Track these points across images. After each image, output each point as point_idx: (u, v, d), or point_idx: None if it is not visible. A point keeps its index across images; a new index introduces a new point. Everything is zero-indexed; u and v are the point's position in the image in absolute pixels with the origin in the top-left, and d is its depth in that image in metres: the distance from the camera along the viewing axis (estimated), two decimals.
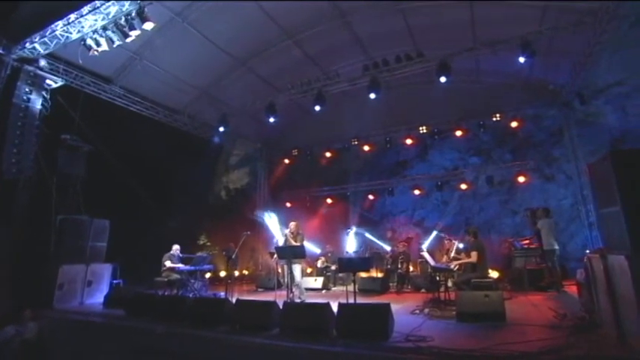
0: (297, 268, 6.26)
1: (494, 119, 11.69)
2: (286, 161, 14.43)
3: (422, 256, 8.43)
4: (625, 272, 3.13)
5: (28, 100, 7.63)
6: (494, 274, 7.98)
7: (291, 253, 6.12)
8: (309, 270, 10.42)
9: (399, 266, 8.62)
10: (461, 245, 8.42)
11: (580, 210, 10.69)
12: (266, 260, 10.94)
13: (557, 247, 7.17)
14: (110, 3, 6.91)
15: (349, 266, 5.93)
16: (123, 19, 6.80)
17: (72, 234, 7.31)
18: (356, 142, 13.05)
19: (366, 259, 6.27)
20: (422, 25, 10.19)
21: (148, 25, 6.74)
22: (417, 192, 12.74)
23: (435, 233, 9.57)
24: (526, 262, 7.84)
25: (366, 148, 13.05)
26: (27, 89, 7.62)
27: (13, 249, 6.78)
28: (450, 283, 6.30)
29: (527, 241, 8.44)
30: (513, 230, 13.13)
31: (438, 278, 5.88)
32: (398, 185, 13.89)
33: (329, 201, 13.99)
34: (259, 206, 14.37)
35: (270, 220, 7.49)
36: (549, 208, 8.25)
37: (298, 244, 6.37)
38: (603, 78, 12.23)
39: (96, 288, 7.41)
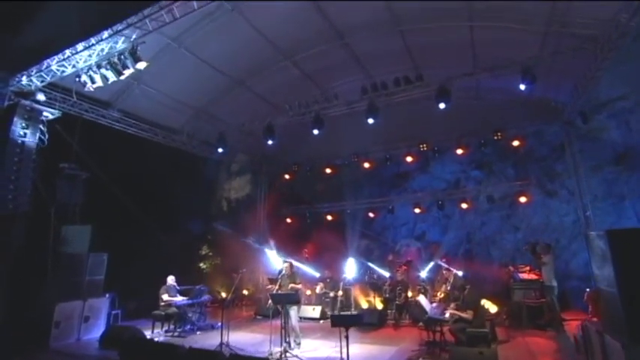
0: (292, 312, 6.25)
1: (495, 138, 11.51)
2: (286, 176, 14.39)
3: (421, 286, 8.38)
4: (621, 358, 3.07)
5: (25, 135, 7.63)
6: (492, 308, 7.90)
7: (286, 300, 6.12)
8: (308, 292, 10.42)
9: (397, 296, 8.58)
10: (460, 273, 8.34)
11: (582, 234, 10.50)
12: (265, 283, 10.96)
13: (555, 284, 7.06)
14: (104, 41, 6.86)
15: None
16: (116, 57, 6.74)
17: (68, 270, 7.33)
18: (356, 159, 12.95)
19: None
20: (421, 45, 10.06)
21: (141, 65, 6.70)
22: (417, 210, 12.61)
23: (432, 263, 9.47)
24: (525, 295, 7.75)
25: (366, 165, 12.95)
26: (23, 124, 7.61)
27: (9, 288, 6.79)
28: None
29: (526, 269, 8.33)
30: (514, 246, 13.04)
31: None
32: (398, 202, 13.78)
33: (329, 217, 13.93)
34: (259, 221, 14.38)
35: (270, 251, 7.44)
36: (550, 244, 8.09)
37: (294, 285, 6.37)
38: (606, 92, 12.05)
39: (93, 323, 7.45)
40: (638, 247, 3.27)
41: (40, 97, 7.90)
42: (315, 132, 10.11)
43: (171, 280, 8.03)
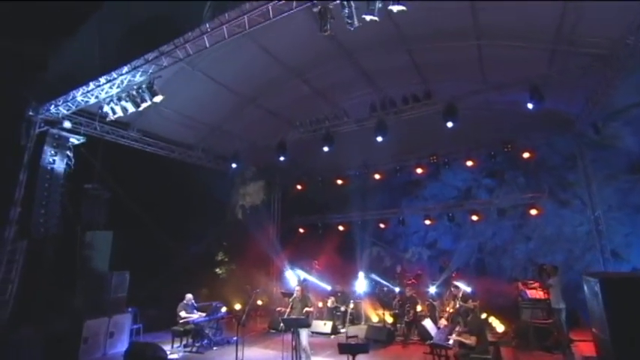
0: (303, 334, 6.58)
1: (505, 150, 11.51)
2: (298, 187, 14.69)
3: (431, 304, 8.57)
4: None
5: (54, 161, 8.18)
6: (499, 327, 8.01)
7: (297, 324, 6.46)
8: (320, 304, 10.73)
9: (406, 313, 8.79)
10: (469, 289, 8.47)
11: (595, 245, 10.42)
12: (278, 295, 11.36)
13: (563, 305, 7.08)
14: (124, 75, 7.30)
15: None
16: (135, 90, 7.16)
17: (94, 289, 7.85)
18: (366, 171, 13.16)
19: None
20: (429, 62, 10.15)
21: (158, 99, 7.10)
22: (427, 222, 12.74)
23: (444, 277, 9.61)
24: (532, 314, 7.81)
25: (377, 176, 13.13)
26: (52, 152, 8.17)
27: (41, 305, 7.34)
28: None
29: (535, 286, 8.36)
30: (526, 257, 13.01)
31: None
32: (409, 214, 13.91)
33: (340, 228, 14.18)
34: (272, 231, 14.75)
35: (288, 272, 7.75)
36: (557, 265, 8.11)
37: (307, 308, 6.74)
38: (621, 100, 11.81)
39: (118, 338, 7.97)
40: (631, 295, 3.40)
41: (67, 124, 8.44)
42: (326, 149, 10.34)
43: (188, 298, 8.49)
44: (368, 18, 5.11)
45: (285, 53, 9.80)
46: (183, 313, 8.12)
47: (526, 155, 11.12)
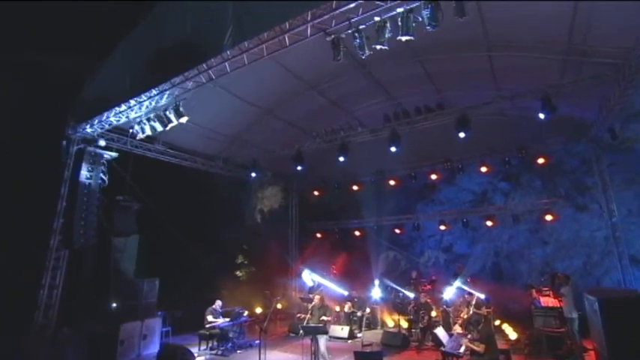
0: (321, 340, 6.99)
1: (519, 155, 11.57)
2: (315, 193, 15.10)
3: (445, 310, 8.81)
4: None
5: (91, 177, 8.91)
6: (512, 334, 8.17)
7: (315, 332, 6.89)
8: (337, 308, 11.12)
9: (420, 319, 9.08)
10: (482, 296, 8.65)
11: (613, 252, 10.38)
12: (297, 300, 11.82)
13: (576, 315, 7.12)
14: (152, 98, 7.89)
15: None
16: (162, 112, 7.74)
17: (128, 295, 8.51)
18: (381, 178, 13.45)
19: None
20: (441, 72, 10.34)
21: (183, 119, 7.65)
22: (442, 227, 12.93)
23: (458, 284, 9.81)
24: (545, 322, 7.89)
25: (392, 182, 13.39)
26: (89, 168, 8.90)
27: (80, 312, 8.04)
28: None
29: (549, 293, 8.44)
30: (543, 261, 12.96)
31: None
32: (424, 219, 14.11)
33: (357, 233, 14.52)
34: (291, 237, 15.21)
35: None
36: (569, 275, 8.18)
37: (325, 317, 7.17)
38: None
39: (150, 340, 8.61)
40: (628, 315, 3.58)
41: (101, 142, 9.15)
42: (341, 159, 10.71)
43: (218, 304, 9.13)
44: (378, 47, 5.45)
45: (302, 68, 10.20)
46: (210, 318, 8.71)
47: (541, 161, 11.12)
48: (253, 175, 12.39)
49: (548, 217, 11.11)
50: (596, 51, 7.78)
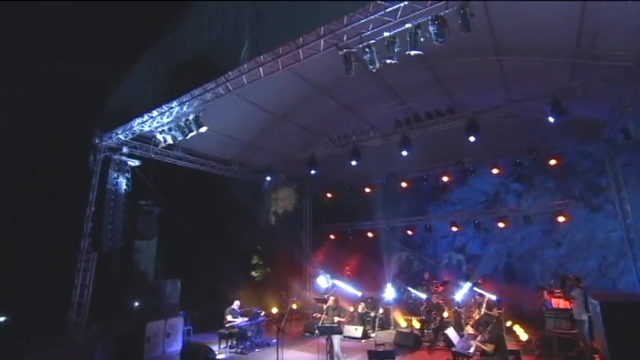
0: (336, 339, 7.31)
1: (531, 157, 11.62)
2: (329, 195, 15.39)
3: (456, 311, 8.99)
4: None
5: (117, 183, 9.45)
6: (523, 335, 8.30)
7: (330, 332, 7.21)
8: (351, 309, 11.41)
9: (432, 320, 9.28)
10: (493, 297, 8.81)
11: (628, 253, 10.35)
12: (312, 300, 12.15)
13: (586, 317, 7.18)
14: (173, 108, 8.34)
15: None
16: (183, 122, 8.17)
17: (152, 295, 9.01)
18: (393, 180, 13.65)
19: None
20: (451, 76, 10.49)
21: (203, 129, 8.08)
22: (454, 229, 13.06)
23: (469, 285, 9.97)
24: (556, 324, 7.99)
25: (404, 184, 13.59)
26: (115, 174, 9.45)
27: (108, 311, 8.56)
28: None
29: (559, 295, 8.52)
30: (557, 262, 12.94)
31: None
32: (436, 220, 14.25)
33: (370, 234, 14.75)
34: (305, 238, 15.54)
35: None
36: (580, 277, 8.24)
37: (339, 318, 7.48)
38: None
39: (173, 338, 9.08)
40: (630, 318, 3.71)
41: (125, 150, 9.66)
42: (354, 163, 10.98)
43: (236, 304, 9.55)
44: (388, 61, 5.71)
45: (314, 75, 10.50)
46: (229, 317, 9.14)
47: (552, 162, 11.16)
48: (268, 178, 12.72)
49: (561, 219, 11.11)
50: (605, 54, 7.82)
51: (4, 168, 9.36)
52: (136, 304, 9.00)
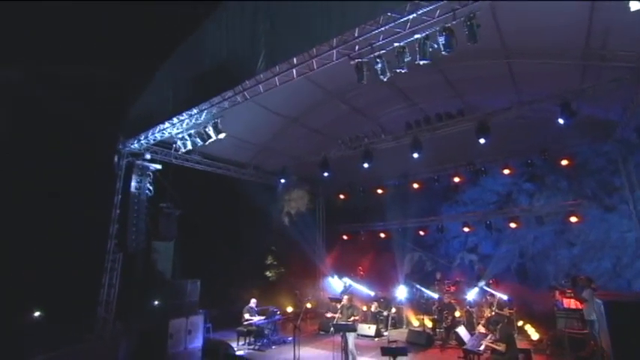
0: (350, 337, 7.60)
1: (542, 157, 11.67)
2: (341, 196, 15.67)
3: (468, 310, 9.16)
4: None
5: (139, 187, 9.95)
6: (534, 335, 8.42)
7: (345, 329, 7.51)
8: (364, 308, 11.67)
9: (444, 319, 9.48)
10: (505, 297, 8.95)
11: None
12: (326, 300, 12.47)
13: (596, 318, 7.23)
14: (192, 116, 8.76)
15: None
16: (202, 129, 8.58)
17: (173, 294, 9.44)
18: (405, 181, 13.84)
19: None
20: (461, 79, 10.65)
21: (222, 135, 8.47)
22: (466, 229, 13.17)
23: (481, 285, 10.11)
24: (567, 324, 8.07)
25: (415, 185, 13.77)
26: (138, 179, 9.95)
27: (134, 311, 9.05)
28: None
29: (570, 294, 8.58)
30: (571, 262, 12.91)
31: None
32: (448, 221, 14.37)
33: (382, 235, 14.97)
34: (318, 239, 15.85)
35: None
36: (591, 278, 8.31)
37: (354, 317, 7.78)
38: None
39: (194, 335, 9.48)
40: (633, 318, 3.85)
41: (147, 156, 10.15)
42: (366, 165, 11.23)
43: (253, 302, 9.93)
44: (398, 71, 5.97)
45: (327, 80, 10.76)
46: (247, 315, 9.53)
47: (564, 162, 11.19)
48: (282, 181, 13.08)
49: (573, 219, 11.13)
50: (613, 55, 7.90)
51: (39, 175, 9.96)
52: (157, 302, 9.45)
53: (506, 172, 12.07)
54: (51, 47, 12.02)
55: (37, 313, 9.88)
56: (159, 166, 10.66)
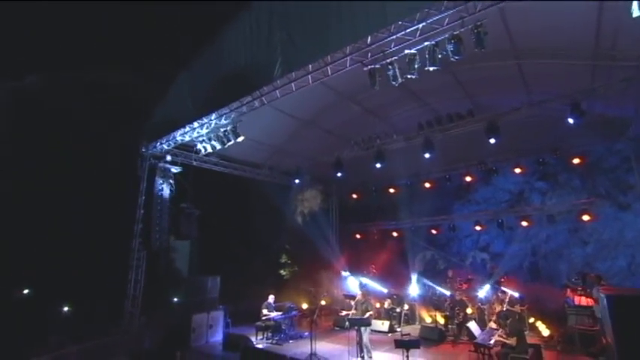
0: (365, 332, 7.93)
1: (554, 156, 11.73)
2: (354, 196, 15.96)
3: (479, 307, 9.34)
4: None
5: (162, 188, 10.49)
6: (545, 331, 8.57)
7: (360, 323, 7.84)
8: (377, 305, 11.97)
9: (456, 315, 9.70)
10: (516, 294, 9.11)
11: None
12: (340, 297, 12.81)
13: None
14: (212, 120, 9.20)
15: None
16: (221, 132, 9.00)
17: (196, 290, 9.96)
18: (417, 180, 14.05)
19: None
20: (472, 80, 10.82)
21: (240, 139, 8.89)
22: (478, 228, 13.31)
23: (492, 283, 10.29)
24: (577, 320, 8.18)
25: (427, 185, 13.95)
26: (161, 180, 10.48)
27: (159, 308, 9.58)
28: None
29: (582, 291, 8.68)
30: (584, 261, 12.89)
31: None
32: (459, 220, 14.51)
33: (394, 234, 15.21)
34: (332, 237, 16.18)
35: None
36: (601, 275, 8.41)
37: (366, 313, 8.10)
38: None
39: (215, 329, 10.01)
40: (636, 313, 4.01)
41: (169, 158, 10.68)
42: (378, 165, 11.51)
43: (271, 298, 10.37)
44: (409, 76, 6.26)
45: (339, 82, 11.07)
46: (265, 311, 9.98)
47: (576, 161, 11.23)
48: (297, 181, 13.46)
49: (586, 217, 11.17)
50: (626, 54, 7.97)
51: (71, 178, 10.56)
52: (176, 299, 9.98)
53: (517, 170, 12.15)
54: (73, 54, 12.68)
55: (65, 308, 10.49)
56: (179, 168, 11.16)
